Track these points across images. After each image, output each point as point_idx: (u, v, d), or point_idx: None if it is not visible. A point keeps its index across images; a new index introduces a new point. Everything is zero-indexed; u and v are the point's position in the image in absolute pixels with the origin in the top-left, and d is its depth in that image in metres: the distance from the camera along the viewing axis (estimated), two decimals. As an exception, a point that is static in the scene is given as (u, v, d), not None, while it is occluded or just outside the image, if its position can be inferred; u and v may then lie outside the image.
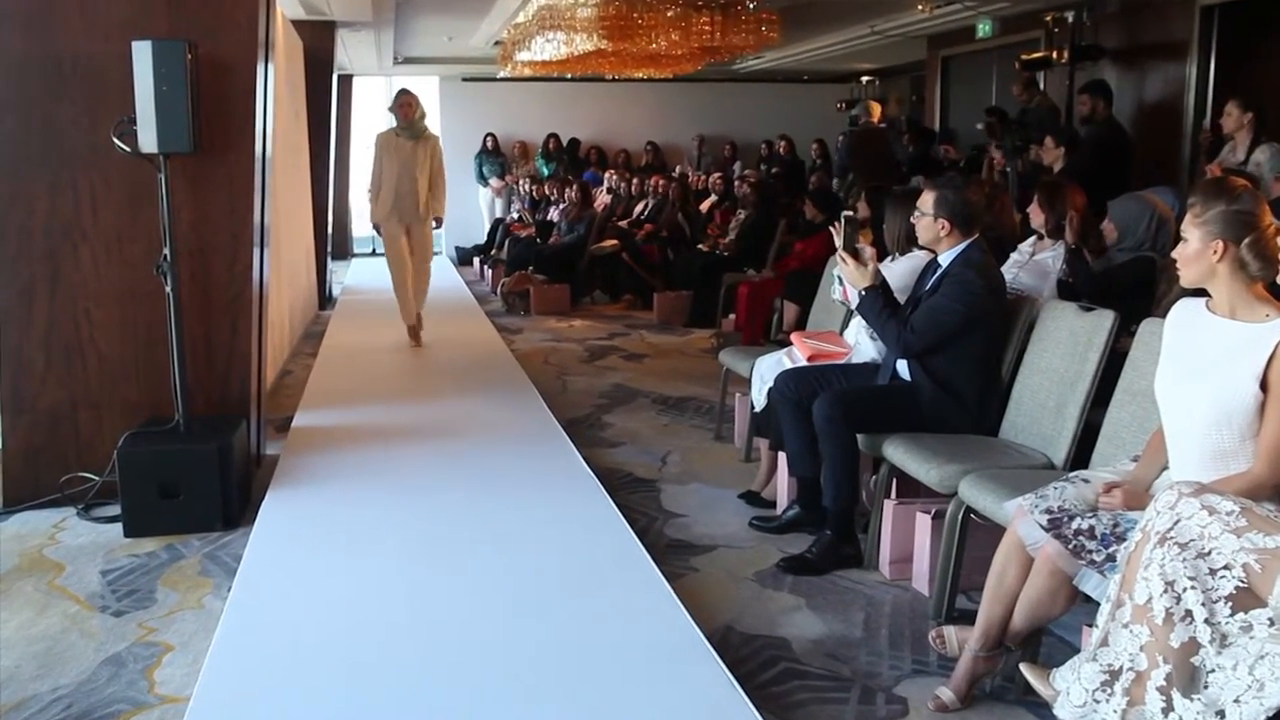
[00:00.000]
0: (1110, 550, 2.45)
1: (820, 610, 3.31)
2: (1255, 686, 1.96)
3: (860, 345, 4.16)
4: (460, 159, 13.86)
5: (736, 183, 10.76)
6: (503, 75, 13.52)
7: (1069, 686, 2.22)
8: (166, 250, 4.02)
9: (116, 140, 3.96)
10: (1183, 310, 2.55)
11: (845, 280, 3.73)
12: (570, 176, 13.14)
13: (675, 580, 3.36)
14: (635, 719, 2.49)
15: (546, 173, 14.32)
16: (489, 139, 15.03)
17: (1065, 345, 3.40)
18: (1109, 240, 4.24)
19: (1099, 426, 3.18)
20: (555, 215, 11.54)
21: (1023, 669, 2.46)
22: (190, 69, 3.88)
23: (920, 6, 9.94)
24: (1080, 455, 3.25)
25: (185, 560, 3.66)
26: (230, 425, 4.13)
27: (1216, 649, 2.03)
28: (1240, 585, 2.05)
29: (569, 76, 13.54)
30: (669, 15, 10.05)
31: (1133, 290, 3.91)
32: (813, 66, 14.78)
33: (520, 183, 14.01)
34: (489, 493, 4.17)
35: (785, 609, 3.32)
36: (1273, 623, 2.01)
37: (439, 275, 8.97)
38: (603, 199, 11.92)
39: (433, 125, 8.38)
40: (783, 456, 4.04)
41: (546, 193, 12.69)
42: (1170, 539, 2.13)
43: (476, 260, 12.98)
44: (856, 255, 3.64)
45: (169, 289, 4.03)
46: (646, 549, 3.56)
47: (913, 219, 3.70)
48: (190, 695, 2.62)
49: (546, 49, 10.34)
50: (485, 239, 13.43)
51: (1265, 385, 2.31)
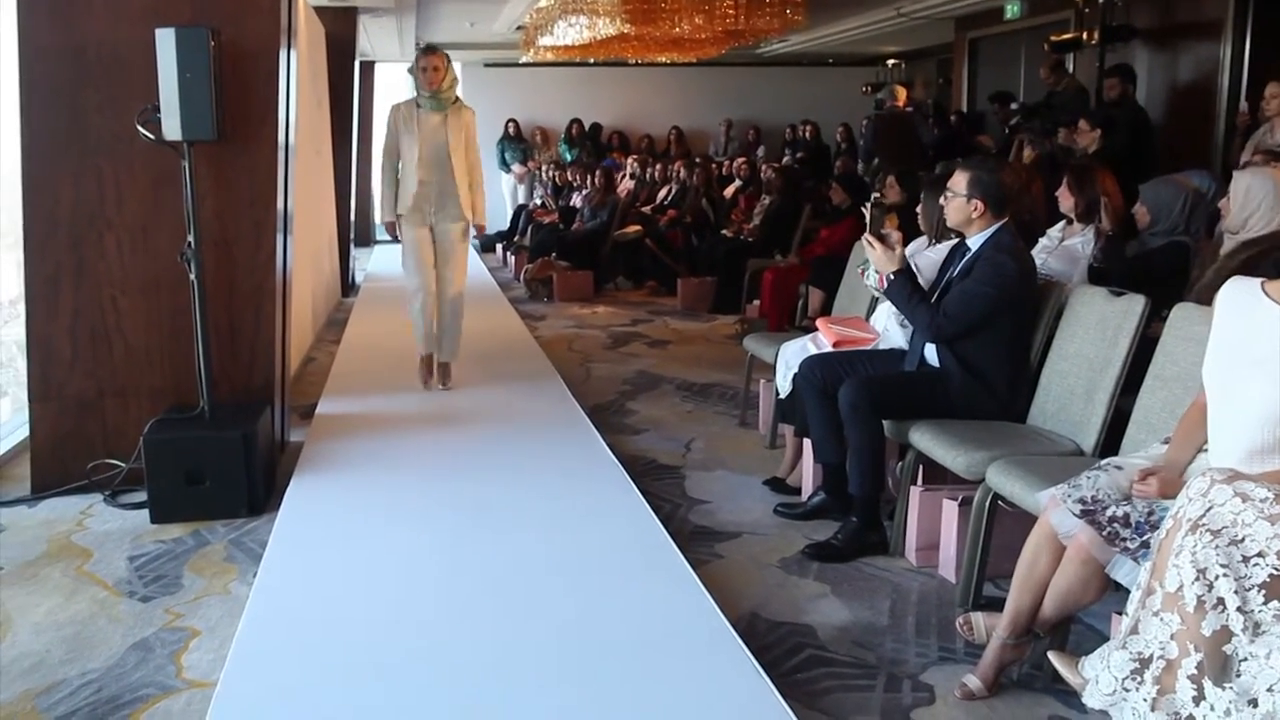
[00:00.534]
0: (1145, 538, 2.43)
1: (846, 597, 3.31)
2: (1289, 675, 1.94)
3: (889, 332, 4.13)
4: (482, 145, 13.84)
5: (761, 168, 10.73)
6: (525, 60, 13.50)
7: (1098, 674, 2.21)
8: (190, 238, 4.04)
9: (140, 128, 3.98)
10: (1238, 289, 2.46)
11: (872, 264, 3.71)
12: (594, 162, 13.13)
13: (700, 567, 3.36)
14: (660, 706, 2.50)
15: (569, 158, 14.32)
16: (511, 125, 15.04)
17: (1095, 330, 3.37)
18: (1141, 224, 4.20)
19: (1129, 412, 3.16)
20: (578, 201, 11.53)
21: (1051, 657, 2.45)
22: (213, 56, 3.89)
23: (947, -13, 9.88)
24: (1110, 441, 3.22)
25: (211, 546, 3.69)
26: (255, 412, 4.16)
27: (1249, 637, 2.02)
28: (1274, 573, 2.03)
29: (591, 61, 13.52)
30: (693, -2, 10.01)
31: (1167, 276, 3.87)
32: (838, 50, 14.70)
33: (542, 169, 14.01)
34: (513, 479, 4.18)
35: (811, 596, 3.32)
36: (1307, 611, 1.99)
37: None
38: (626, 185, 11.91)
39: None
40: (808, 443, 4.04)
41: (569, 179, 12.69)
42: (1202, 526, 2.11)
43: (499, 247, 13.01)
44: (883, 240, 3.63)
45: (193, 277, 4.06)
46: (671, 536, 3.56)
47: (943, 200, 3.67)
48: (217, 680, 2.64)
49: (569, 33, 10.33)
50: (508, 225, 13.45)
51: None
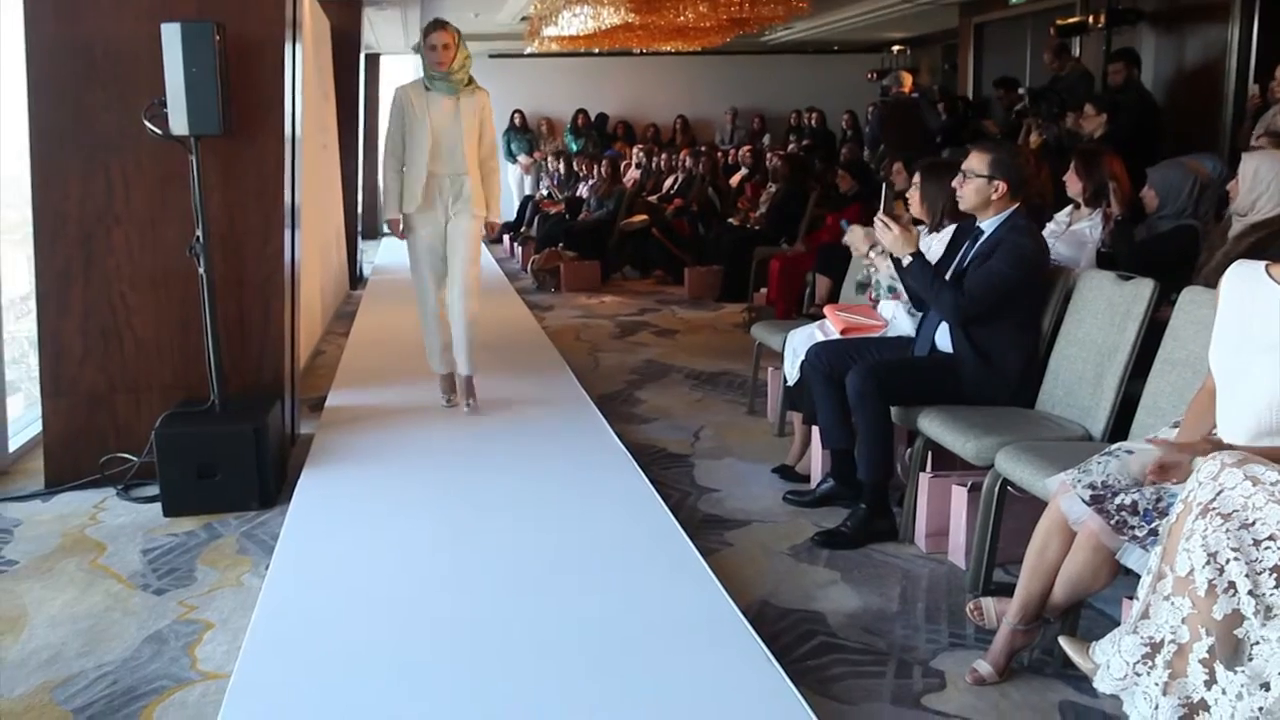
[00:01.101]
0: (1153, 525, 2.43)
1: (856, 584, 3.31)
2: (1301, 659, 1.94)
3: (897, 319, 4.13)
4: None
5: (767, 156, 10.72)
6: (529, 51, 13.48)
7: (1109, 659, 2.21)
8: (199, 232, 4.04)
9: (147, 123, 3.98)
10: (1242, 273, 2.47)
11: (887, 248, 3.67)
12: (600, 152, 13.12)
13: (709, 555, 3.37)
14: (671, 693, 2.50)
15: (575, 148, 14.30)
16: (516, 116, 15.02)
17: (1103, 315, 3.36)
18: (1150, 208, 4.18)
19: (1138, 397, 3.15)
20: (584, 191, 11.52)
21: (1062, 642, 2.45)
22: (219, 50, 3.89)
23: (952, -27, 9.84)
24: (1119, 426, 3.22)
25: (223, 539, 3.71)
26: (265, 405, 4.17)
27: (1261, 621, 2.01)
28: (1286, 557, 2.03)
29: (596, 51, 13.50)
30: (697, -13, 9.98)
31: (1176, 260, 3.86)
32: (843, 37, 14.64)
33: (548, 159, 14.00)
34: (522, 469, 4.19)
35: (821, 583, 3.33)
36: (1319, 594, 1.99)
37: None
38: (632, 174, 11.90)
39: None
40: (816, 430, 4.03)
41: (575, 169, 12.68)
42: (1213, 510, 2.10)
43: (506, 238, 13.02)
44: (897, 221, 3.61)
45: (202, 271, 4.06)
46: (680, 524, 3.57)
47: (958, 182, 3.64)
48: (231, 672, 2.65)
49: (574, 24, 10.31)
50: (514, 216, 13.46)
51: None
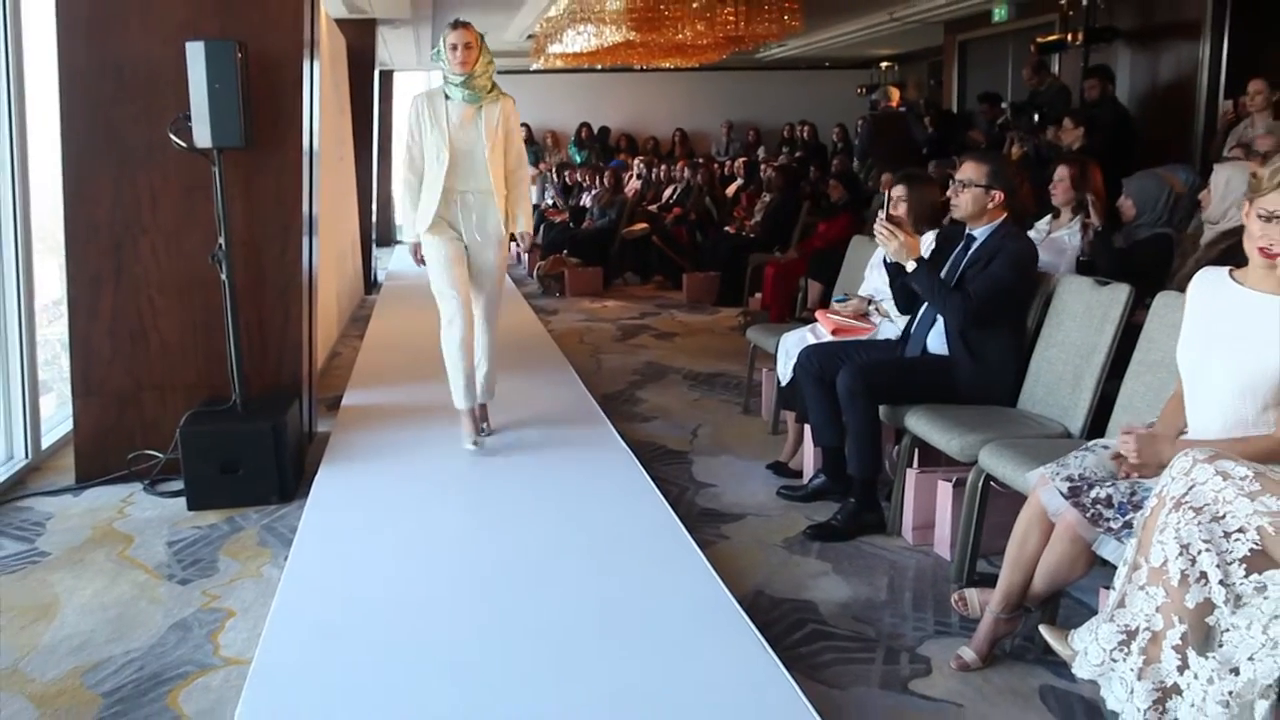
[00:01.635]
0: (1127, 518, 2.43)
1: (846, 575, 3.31)
2: (1269, 645, 1.94)
3: (883, 323, 4.14)
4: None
5: (761, 167, 10.72)
6: (535, 68, 13.49)
7: (1087, 646, 2.21)
8: (221, 240, 4.04)
9: (173, 136, 3.99)
10: (1206, 279, 2.49)
11: (891, 255, 3.62)
12: (601, 164, 13.13)
13: (707, 547, 3.37)
14: (670, 681, 2.50)
15: (579, 160, 14.31)
16: (523, 129, 14.99)
17: (1082, 319, 3.36)
18: (1127, 217, 4.18)
19: (1114, 397, 3.15)
20: (588, 201, 11.53)
21: (1042, 630, 2.45)
22: (240, 67, 3.90)
23: (937, -8, 9.85)
24: (1097, 425, 3.22)
25: (244, 531, 3.71)
26: (284, 404, 4.17)
27: (1231, 609, 2.01)
28: (1255, 548, 2.03)
29: (599, 67, 13.51)
30: (694, 6, 10.00)
31: (1151, 267, 3.86)
32: (834, 53, 14.67)
33: (552, 171, 14.01)
34: (529, 465, 4.20)
35: (812, 574, 3.33)
36: (1286, 584, 1.99)
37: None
38: (633, 184, 11.90)
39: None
40: (808, 428, 4.04)
41: (579, 179, 12.68)
42: (1185, 504, 2.11)
43: (512, 245, 12.99)
44: (901, 227, 3.59)
45: (224, 277, 4.07)
46: (679, 518, 3.57)
47: (954, 191, 3.62)
48: (252, 657, 2.65)
49: (577, 41, 10.33)
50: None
51: None
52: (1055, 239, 4.16)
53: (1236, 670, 1.97)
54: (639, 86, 15.61)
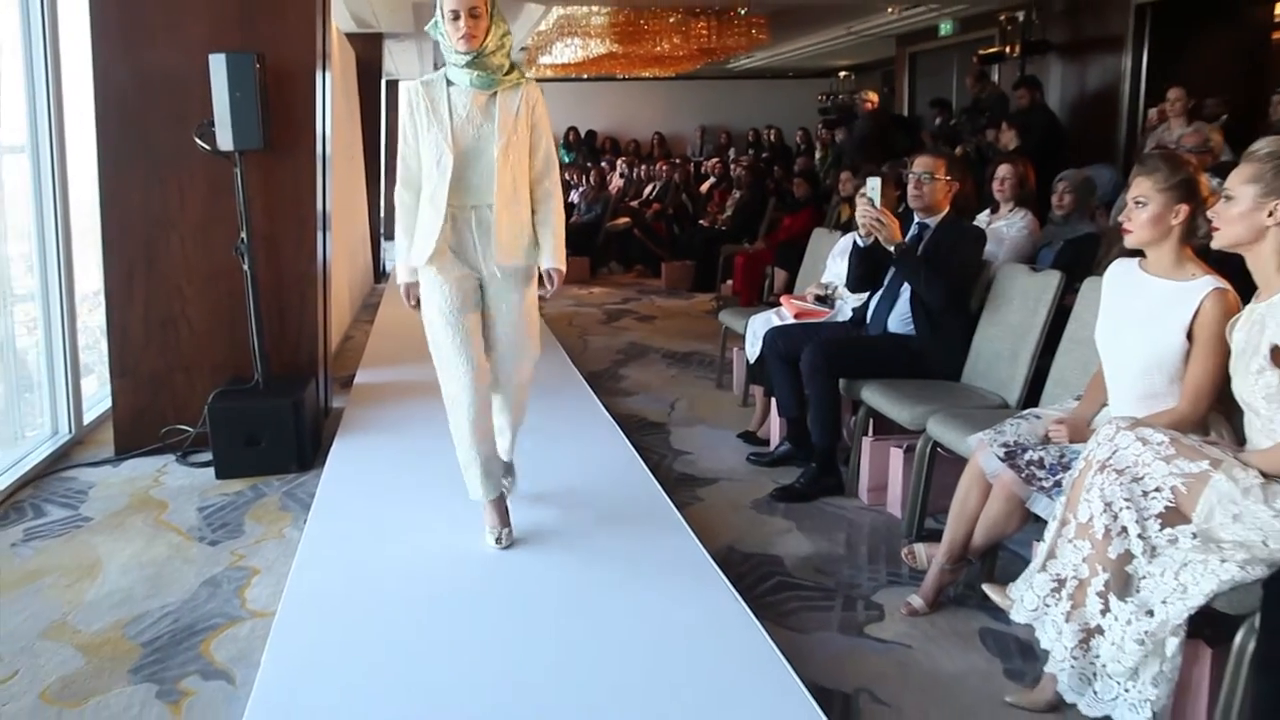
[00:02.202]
0: (1057, 478, 2.46)
1: (808, 532, 3.33)
2: (1179, 590, 1.97)
3: (842, 307, 4.16)
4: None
5: (732, 166, 10.69)
6: (528, 77, 13.38)
7: (1022, 595, 2.24)
8: (243, 235, 4.02)
9: (198, 140, 3.96)
10: (1119, 269, 2.53)
11: (884, 239, 3.45)
12: (588, 164, 13.07)
13: (684, 508, 3.38)
14: (650, 627, 2.52)
15: (568, 160, 14.23)
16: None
17: (1018, 302, 3.38)
18: (1063, 211, 4.20)
19: (1047, 371, 3.18)
20: (575, 198, 11.48)
21: (984, 587, 2.46)
22: (259, 77, 3.86)
23: (890, 9, 9.82)
24: (1031, 396, 3.25)
25: (267, 498, 3.70)
26: (302, 383, 4.15)
27: (1147, 559, 2.04)
28: (1169, 505, 2.05)
29: (585, 77, 13.45)
30: (671, 21, 9.97)
31: (1088, 260, 3.88)
32: (796, 64, 14.62)
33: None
34: (523, 434, 4.14)
35: (778, 531, 3.34)
36: (1195, 536, 2.01)
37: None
38: (616, 183, 11.86)
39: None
40: (774, 401, 4.05)
41: (568, 178, 12.62)
42: (1109, 466, 2.13)
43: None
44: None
45: (246, 268, 4.04)
46: (659, 482, 3.58)
47: (915, 184, 3.56)
48: (275, 610, 2.66)
49: (566, 53, 10.28)
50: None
51: (1191, 336, 2.30)
52: (995, 230, 4.17)
53: (1151, 612, 2.01)
54: (621, 94, 15.53)
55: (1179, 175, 2.34)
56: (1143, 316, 2.38)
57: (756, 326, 4.24)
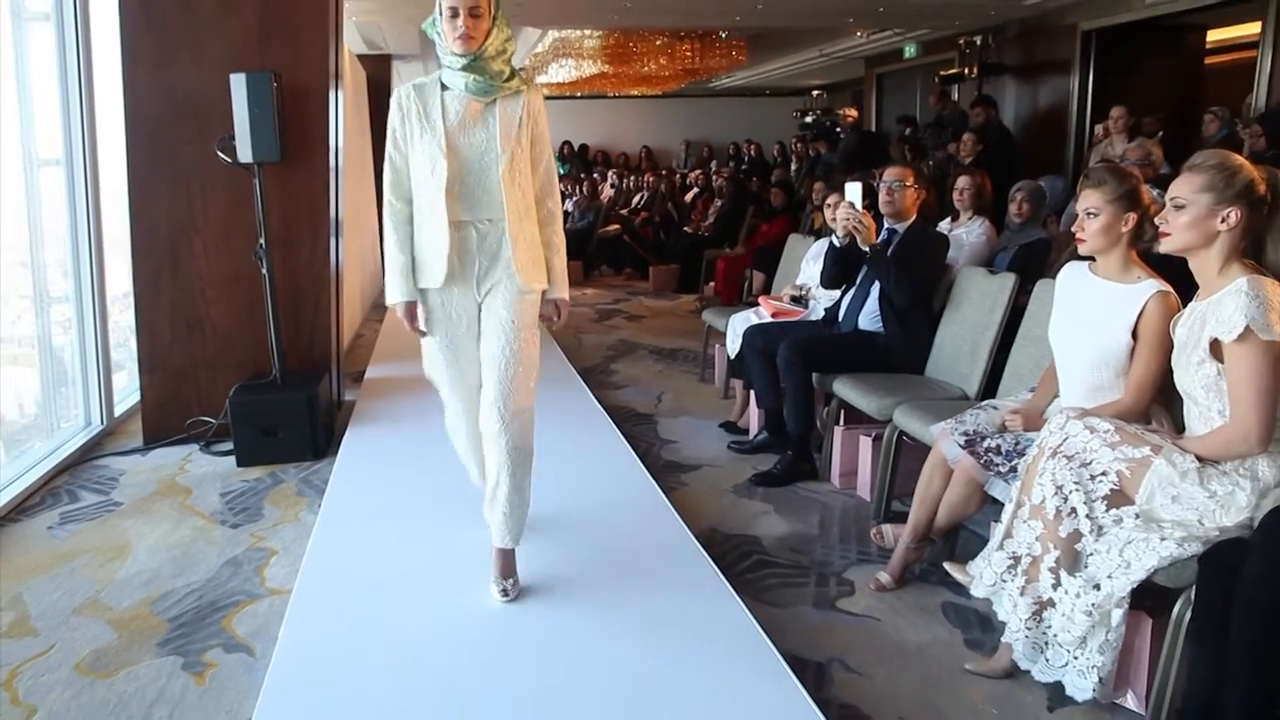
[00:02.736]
0: (1013, 464, 2.46)
1: (785, 514, 3.33)
2: (1123, 565, 1.98)
3: (815, 306, 4.16)
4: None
5: (714, 177, 10.68)
6: (533, 82, 13.33)
7: (981, 572, 2.24)
8: (261, 240, 3.99)
9: (220, 153, 3.93)
10: (1070, 272, 2.53)
11: (862, 240, 3.44)
12: (582, 175, 13.05)
13: (669, 493, 3.38)
14: (638, 602, 2.51)
15: (563, 172, 14.20)
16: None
17: (977, 302, 3.39)
18: (1020, 218, 4.21)
19: (1004, 365, 3.18)
20: (569, 206, 11.46)
21: (946, 565, 2.46)
22: (276, 95, 3.83)
23: (859, 33, 9.82)
24: (989, 388, 3.25)
25: (285, 484, 3.68)
26: (316, 377, 4.13)
27: (1095, 538, 2.05)
28: (1114, 488, 2.06)
29: (579, 95, 13.41)
30: (658, 44, 9.95)
31: (1040, 262, 3.89)
32: (773, 83, 14.63)
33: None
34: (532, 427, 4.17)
35: (757, 514, 3.34)
36: (1138, 516, 2.02)
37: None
38: (607, 193, 11.84)
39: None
40: (753, 393, 4.05)
41: (562, 189, 12.58)
42: (1060, 452, 2.14)
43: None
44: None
45: (264, 271, 4.02)
46: (647, 469, 3.58)
47: (887, 192, 3.56)
48: (292, 588, 2.65)
49: (560, 73, 10.25)
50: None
51: (1135, 335, 2.30)
52: (955, 236, 4.17)
53: (1098, 586, 2.01)
54: (612, 110, 15.51)
55: (1125, 186, 2.35)
56: (1092, 316, 2.38)
57: (736, 325, 4.24)
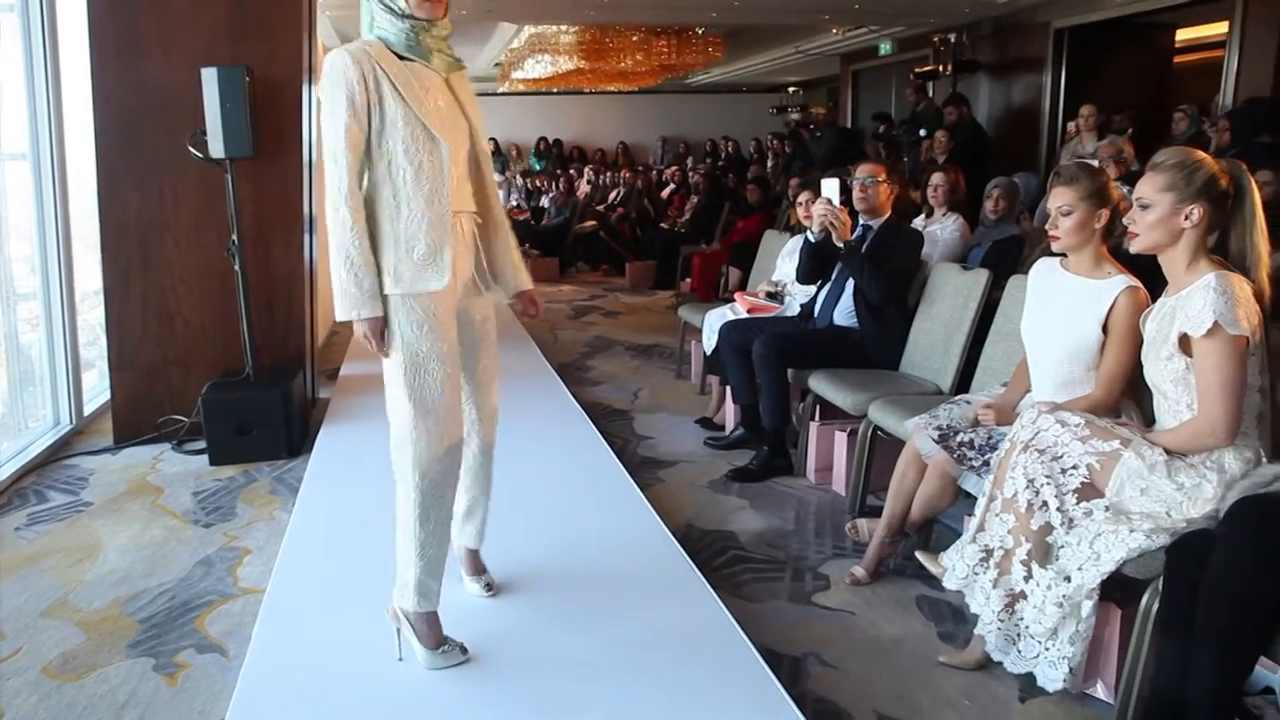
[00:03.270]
0: (986, 458, 2.48)
1: (761, 509, 3.34)
2: (1093, 557, 2.00)
3: (790, 303, 4.18)
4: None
5: (690, 173, 10.70)
6: (502, 90, 13.30)
7: (954, 564, 2.26)
8: (234, 236, 3.95)
9: (191, 148, 3.88)
10: (1042, 268, 2.54)
11: (837, 235, 3.46)
12: (558, 171, 13.02)
13: (646, 489, 3.38)
14: (614, 598, 2.51)
15: (539, 168, 14.17)
16: (491, 142, 14.82)
17: (950, 298, 3.41)
18: (996, 214, 4.24)
19: (977, 360, 3.21)
20: (546, 202, 11.43)
21: (918, 555, 2.49)
22: (248, 89, 3.79)
23: (834, 30, 9.87)
24: (963, 383, 3.27)
25: (258, 482, 3.65)
26: (290, 375, 4.09)
27: (1065, 530, 2.07)
28: (1084, 481, 2.08)
29: (555, 90, 13.38)
30: (634, 39, 9.95)
31: (1014, 258, 3.92)
32: (749, 79, 14.66)
33: (517, 177, 13.86)
34: (498, 422, 4.16)
35: (733, 509, 3.35)
36: (1108, 509, 2.05)
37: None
38: (583, 189, 11.82)
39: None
40: (729, 389, 4.06)
41: (539, 184, 12.55)
42: (1031, 446, 2.16)
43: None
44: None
45: (237, 267, 3.97)
46: (623, 465, 3.57)
47: (863, 187, 3.58)
48: (266, 587, 2.62)
49: (536, 68, 10.22)
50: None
51: (1106, 329, 2.32)
52: (929, 232, 4.20)
53: (1069, 578, 2.03)
54: (588, 106, 15.49)
55: (1096, 183, 2.37)
56: (1063, 312, 2.40)
57: (713, 321, 4.25)
